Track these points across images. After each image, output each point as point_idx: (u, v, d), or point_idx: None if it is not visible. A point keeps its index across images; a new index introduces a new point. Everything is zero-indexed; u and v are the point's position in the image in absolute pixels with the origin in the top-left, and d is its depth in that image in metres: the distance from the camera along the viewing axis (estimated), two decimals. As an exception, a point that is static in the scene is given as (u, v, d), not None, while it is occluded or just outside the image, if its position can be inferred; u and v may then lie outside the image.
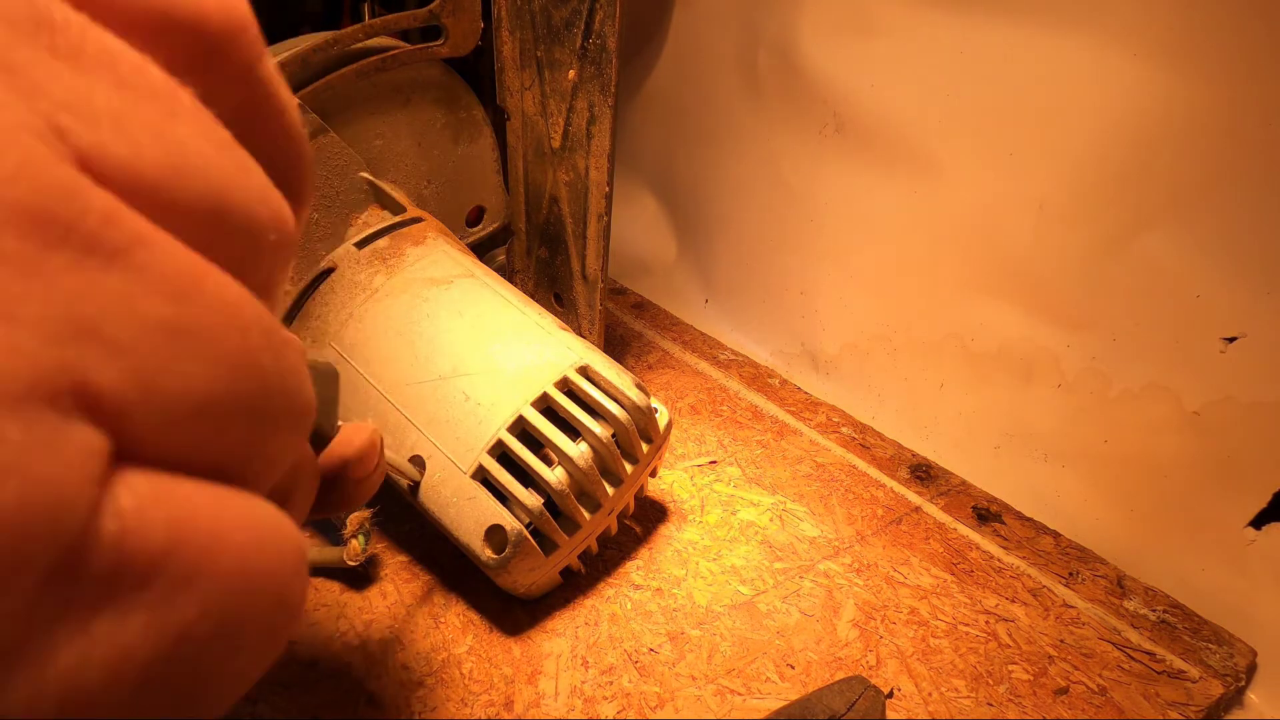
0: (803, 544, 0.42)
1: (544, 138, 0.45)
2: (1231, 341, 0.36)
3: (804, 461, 0.49)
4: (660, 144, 0.68)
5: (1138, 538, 0.41)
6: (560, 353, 0.36)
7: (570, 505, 0.34)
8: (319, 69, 0.39)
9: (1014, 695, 0.33)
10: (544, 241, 0.49)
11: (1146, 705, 0.34)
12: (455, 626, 0.36)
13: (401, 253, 0.39)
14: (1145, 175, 0.37)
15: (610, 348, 0.60)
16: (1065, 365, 0.42)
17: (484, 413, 0.34)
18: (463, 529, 0.33)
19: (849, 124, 0.50)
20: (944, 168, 0.45)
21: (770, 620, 0.37)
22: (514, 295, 0.39)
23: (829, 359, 0.57)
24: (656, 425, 0.37)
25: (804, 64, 0.51)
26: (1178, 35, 0.34)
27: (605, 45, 0.39)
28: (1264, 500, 0.37)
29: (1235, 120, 0.34)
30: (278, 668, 0.34)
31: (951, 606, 0.38)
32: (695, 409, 0.54)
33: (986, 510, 0.45)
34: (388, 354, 0.36)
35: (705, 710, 0.32)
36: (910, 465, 0.49)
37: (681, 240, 0.69)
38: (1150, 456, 0.40)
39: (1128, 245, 0.38)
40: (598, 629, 0.36)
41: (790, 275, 0.58)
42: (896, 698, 0.33)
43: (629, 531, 0.42)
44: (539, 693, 0.33)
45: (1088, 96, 0.38)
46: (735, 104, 0.58)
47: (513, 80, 0.45)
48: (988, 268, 0.45)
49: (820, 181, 0.53)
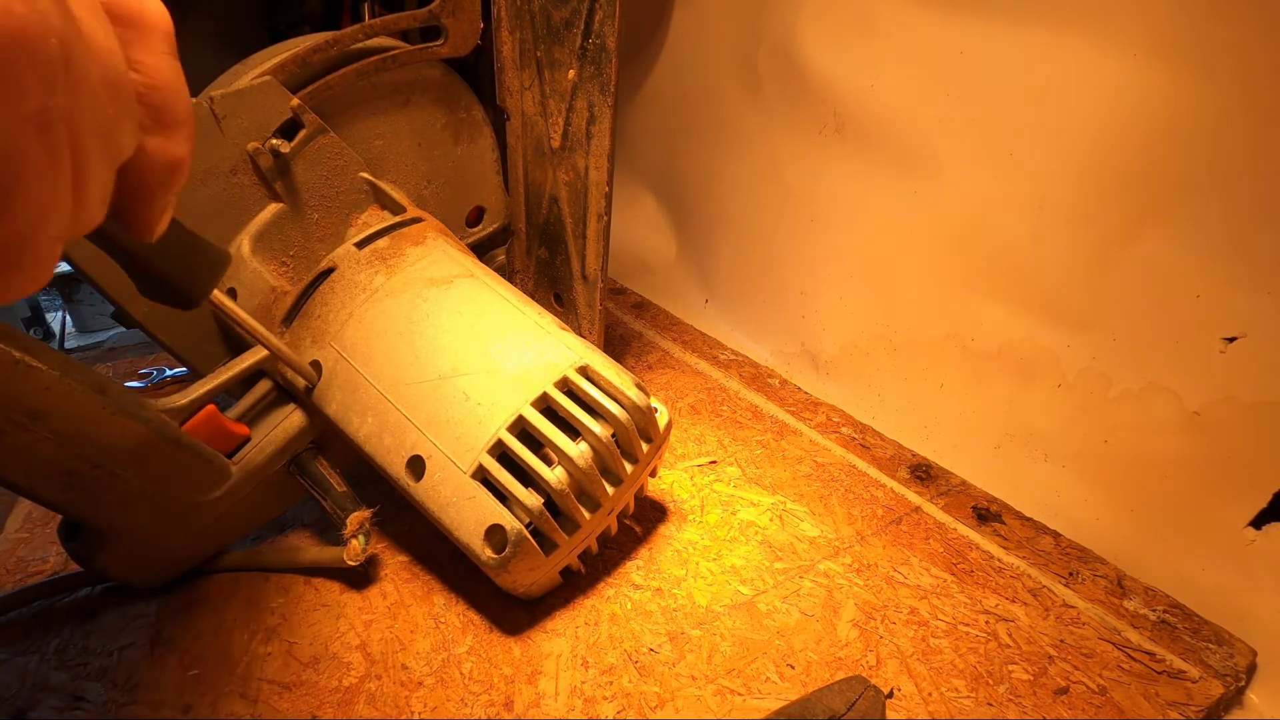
0: (803, 544, 0.42)
1: (544, 138, 0.45)
2: (1231, 341, 0.36)
3: (804, 461, 0.49)
4: (660, 144, 0.68)
5: (1138, 538, 0.41)
6: (560, 353, 0.36)
7: (570, 505, 0.34)
8: (319, 69, 0.39)
9: (1014, 695, 0.33)
10: (544, 241, 0.49)
11: (1146, 705, 0.33)
12: (455, 626, 0.36)
13: (401, 253, 0.39)
14: (1145, 175, 0.37)
15: (610, 348, 0.60)
16: (1065, 365, 0.42)
17: (484, 412, 0.34)
18: (463, 529, 0.33)
19: (849, 124, 0.50)
20: (944, 168, 0.45)
21: (770, 620, 0.37)
22: (514, 295, 0.39)
23: (829, 359, 0.57)
24: (656, 425, 0.37)
25: (804, 64, 0.51)
26: (1178, 36, 0.34)
27: (605, 45, 0.39)
28: (1264, 500, 0.37)
29: (1235, 120, 0.34)
30: (278, 667, 0.34)
31: (951, 606, 0.38)
32: (695, 409, 0.54)
33: (986, 510, 0.45)
34: (388, 354, 0.36)
35: (705, 710, 0.32)
36: (910, 465, 0.49)
37: (681, 240, 0.69)
38: (1150, 456, 0.40)
39: (1128, 245, 0.38)
40: (598, 629, 0.36)
41: (790, 275, 0.58)
42: (896, 698, 0.33)
43: (629, 531, 0.42)
44: (539, 693, 0.33)
45: (1088, 97, 0.38)
46: (735, 104, 0.58)
47: (512, 80, 0.45)
48: (988, 268, 0.45)
49: (820, 181, 0.53)
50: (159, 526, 0.34)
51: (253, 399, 0.37)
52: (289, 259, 0.39)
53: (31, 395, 0.27)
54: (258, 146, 0.36)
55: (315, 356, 0.37)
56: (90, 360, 0.61)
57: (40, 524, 0.43)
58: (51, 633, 0.36)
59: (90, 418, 0.29)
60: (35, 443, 0.28)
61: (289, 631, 0.36)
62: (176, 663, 0.34)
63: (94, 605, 0.37)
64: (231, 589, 0.38)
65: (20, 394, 0.26)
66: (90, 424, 0.29)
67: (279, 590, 0.38)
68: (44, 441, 0.28)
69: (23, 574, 0.39)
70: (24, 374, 0.26)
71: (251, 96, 0.35)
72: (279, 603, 0.37)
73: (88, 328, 0.86)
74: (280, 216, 0.38)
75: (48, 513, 0.43)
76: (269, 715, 0.32)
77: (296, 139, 0.37)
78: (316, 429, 0.38)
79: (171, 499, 0.33)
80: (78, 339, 0.87)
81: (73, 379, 0.28)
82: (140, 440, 0.31)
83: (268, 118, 0.36)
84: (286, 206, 0.38)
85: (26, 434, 0.27)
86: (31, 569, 0.39)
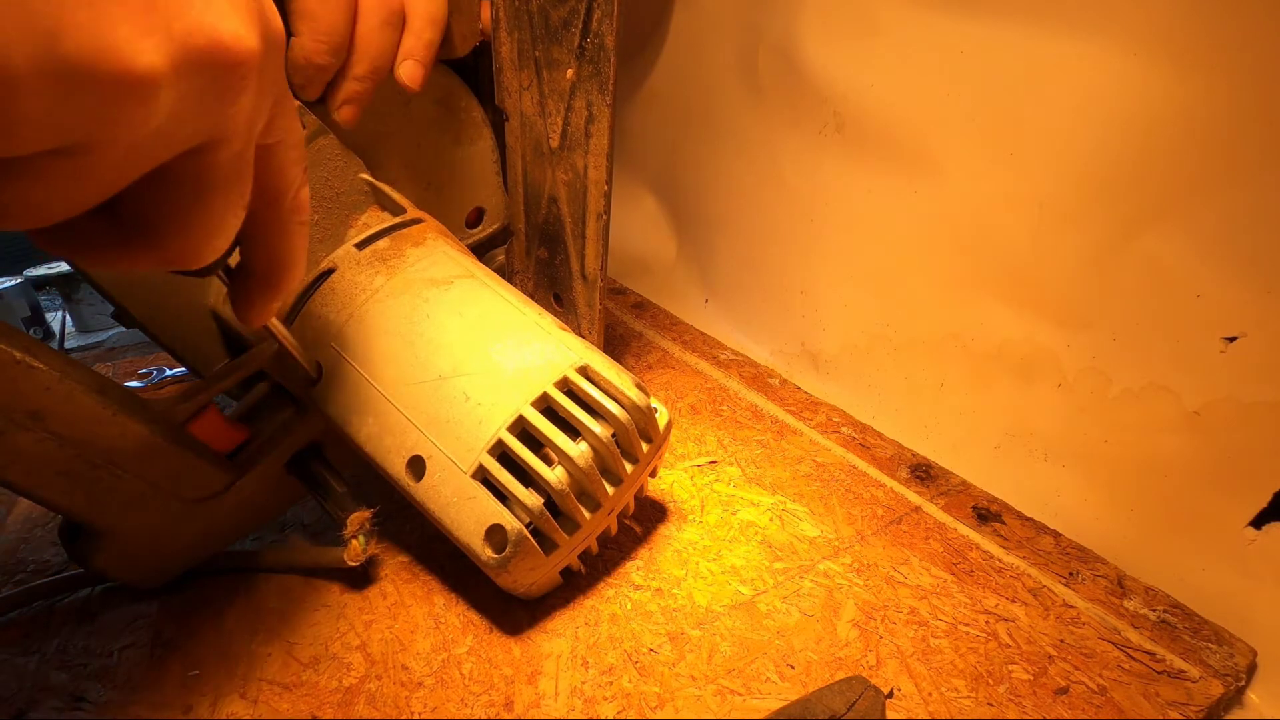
0: (803, 544, 0.42)
1: (542, 138, 0.45)
2: (1231, 341, 0.36)
3: (804, 461, 0.49)
4: (660, 144, 0.68)
5: (1138, 538, 0.41)
6: (560, 353, 0.36)
7: (570, 505, 0.34)
8: (319, 69, 0.39)
9: (1014, 695, 0.33)
10: (543, 241, 0.49)
11: (1146, 705, 0.33)
12: (455, 626, 0.36)
13: (402, 254, 0.39)
14: (1146, 175, 0.37)
15: (610, 348, 0.60)
16: (1065, 365, 0.42)
17: (484, 413, 0.34)
18: (463, 529, 0.34)
19: (849, 124, 0.50)
20: (944, 167, 0.45)
21: (770, 620, 0.37)
22: (514, 295, 0.39)
23: (829, 359, 0.57)
24: (656, 425, 0.37)
25: (804, 64, 0.51)
26: (1178, 35, 0.34)
27: (603, 44, 0.39)
28: (1264, 500, 0.37)
29: (1235, 120, 0.34)
30: (278, 668, 0.34)
31: (951, 606, 0.38)
32: (695, 409, 0.54)
33: (986, 510, 0.45)
34: (388, 354, 0.36)
35: (705, 710, 0.32)
36: (910, 465, 0.49)
37: (681, 240, 0.69)
38: (1150, 456, 0.40)
39: (1128, 245, 0.38)
40: (598, 629, 0.36)
41: (790, 275, 0.58)
42: (896, 698, 0.33)
43: (629, 531, 0.42)
44: (539, 693, 0.33)
45: (1088, 96, 0.38)
46: (735, 103, 0.58)
47: (511, 81, 0.45)
48: (988, 268, 0.45)
49: (820, 181, 0.53)
50: (159, 527, 0.34)
51: (253, 399, 0.37)
52: (289, 259, 0.39)
53: (32, 395, 0.27)
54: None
55: (315, 357, 0.37)
56: (90, 360, 0.61)
57: (40, 524, 0.43)
58: (51, 633, 0.36)
59: (91, 418, 0.29)
60: (35, 443, 0.28)
61: (289, 632, 0.36)
62: (177, 663, 0.34)
63: (94, 606, 0.37)
64: (231, 589, 0.38)
65: (21, 394, 0.26)
66: (91, 424, 0.29)
67: (279, 590, 0.38)
68: (44, 442, 0.28)
69: (23, 574, 0.39)
70: (24, 374, 0.26)
71: (251, 97, 0.35)
72: (279, 603, 0.37)
73: (88, 328, 0.86)
74: (280, 217, 0.38)
75: (48, 513, 0.43)
76: (269, 715, 0.32)
77: (297, 140, 0.37)
78: (316, 430, 0.38)
79: (172, 499, 0.33)
80: (78, 339, 0.87)
81: (73, 379, 0.28)
82: (141, 441, 0.31)
83: (268, 118, 0.36)
84: (286, 207, 0.38)
85: (27, 434, 0.27)
86: (32, 569, 0.40)
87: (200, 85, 0.16)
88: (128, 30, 0.14)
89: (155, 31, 0.14)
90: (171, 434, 0.32)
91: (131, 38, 0.14)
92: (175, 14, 0.15)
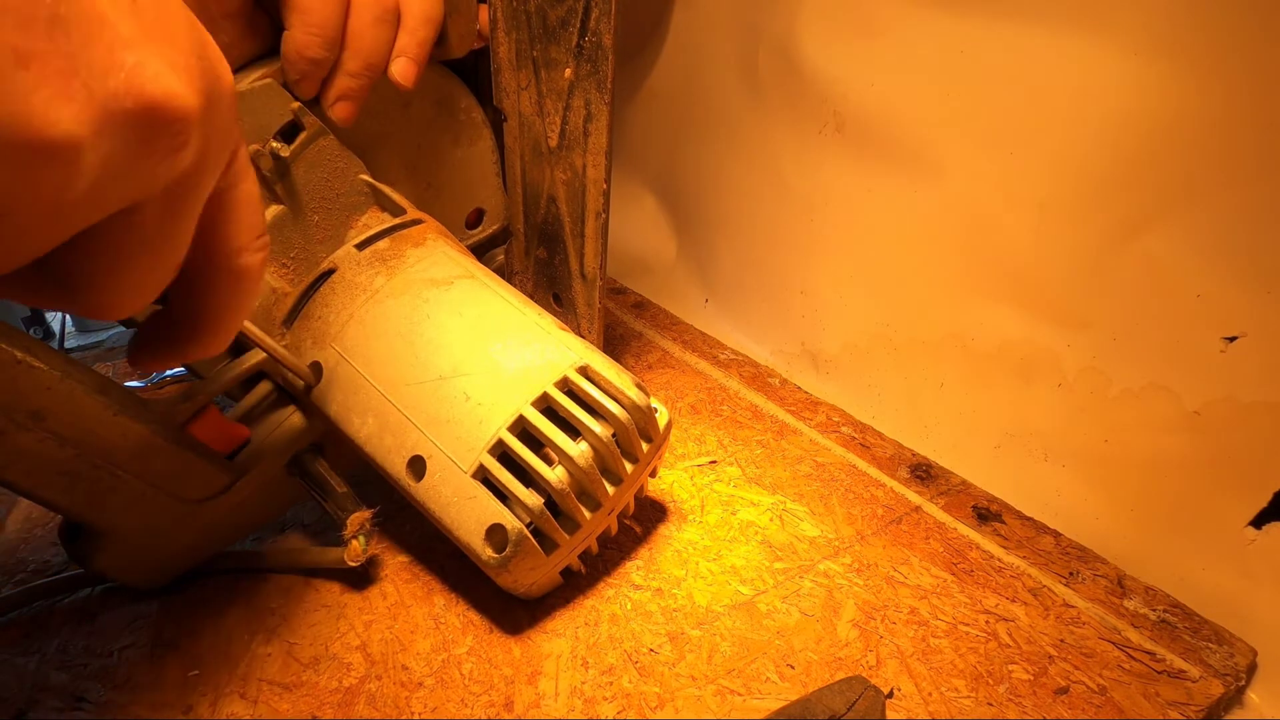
0: (803, 544, 0.42)
1: (541, 137, 0.45)
2: (1231, 341, 0.36)
3: (804, 461, 0.49)
4: (660, 143, 0.68)
5: (1138, 537, 0.41)
6: (560, 353, 0.36)
7: (570, 504, 0.34)
8: (318, 70, 0.39)
9: (1014, 695, 0.33)
10: (542, 241, 0.49)
11: (1146, 705, 0.34)
12: (455, 626, 0.36)
13: (402, 254, 0.39)
14: (1145, 175, 0.37)
15: (610, 348, 0.60)
16: (1065, 365, 0.42)
17: (484, 412, 0.34)
18: (463, 528, 0.34)
19: (849, 123, 0.50)
20: (944, 167, 0.45)
21: (770, 620, 0.37)
22: (514, 296, 0.39)
23: (829, 358, 0.57)
24: (656, 425, 0.37)
25: (804, 64, 0.51)
26: (1178, 35, 0.34)
27: (601, 43, 0.39)
28: (1264, 500, 0.37)
29: (1235, 120, 0.34)
30: (278, 668, 0.34)
31: (951, 606, 0.38)
32: (695, 409, 0.54)
33: (986, 510, 0.45)
34: (388, 354, 0.36)
35: (705, 710, 0.32)
36: (910, 465, 0.49)
37: (681, 240, 0.69)
38: (1150, 456, 0.40)
39: (1128, 245, 0.38)
40: (598, 629, 0.36)
41: (790, 275, 0.58)
42: (896, 698, 0.33)
43: (629, 531, 0.42)
44: (539, 693, 0.33)
45: (1088, 96, 0.38)
46: (735, 103, 0.58)
47: (509, 81, 0.45)
48: (988, 267, 0.45)
49: (820, 181, 0.53)
50: (160, 527, 0.34)
51: (253, 400, 0.37)
52: (289, 261, 0.39)
53: (32, 395, 0.27)
54: (258, 149, 0.36)
55: (316, 357, 0.37)
56: (90, 360, 0.61)
57: (40, 524, 0.43)
58: (51, 633, 0.36)
59: (91, 418, 0.29)
60: (36, 443, 0.28)
61: (289, 632, 0.36)
62: (177, 663, 0.34)
63: (94, 606, 0.37)
64: (232, 590, 0.38)
65: (21, 394, 0.26)
66: (91, 424, 0.29)
67: (279, 591, 0.38)
68: (44, 442, 0.28)
69: (23, 574, 0.39)
70: (25, 374, 0.26)
71: (252, 99, 0.35)
72: (279, 603, 0.37)
73: (88, 328, 0.86)
74: (280, 219, 0.38)
75: (48, 513, 0.43)
76: (269, 715, 0.32)
77: (297, 141, 0.37)
78: (317, 430, 0.38)
79: (172, 500, 0.33)
80: (78, 339, 0.87)
81: (74, 379, 0.28)
82: (141, 441, 0.31)
83: (268, 120, 0.36)
84: (287, 209, 0.38)
85: (27, 434, 0.27)
86: (32, 569, 0.40)
87: (131, 147, 0.15)
88: (43, 96, 0.13)
89: (74, 97, 0.14)
90: (172, 434, 0.32)
91: (48, 104, 0.13)
92: (100, 76, 0.14)
